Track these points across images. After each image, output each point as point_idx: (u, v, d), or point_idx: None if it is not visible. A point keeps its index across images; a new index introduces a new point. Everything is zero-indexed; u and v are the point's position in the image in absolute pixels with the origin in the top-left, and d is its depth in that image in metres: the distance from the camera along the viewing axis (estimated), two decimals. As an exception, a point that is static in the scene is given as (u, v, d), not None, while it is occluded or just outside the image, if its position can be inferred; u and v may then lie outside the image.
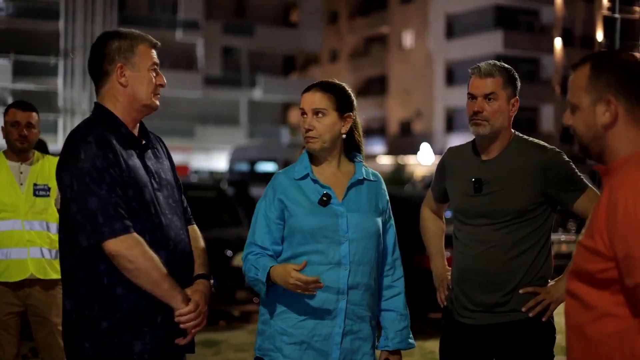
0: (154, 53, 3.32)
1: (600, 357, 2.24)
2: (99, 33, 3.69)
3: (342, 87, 3.59)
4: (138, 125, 3.36)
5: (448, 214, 4.54)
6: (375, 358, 3.61)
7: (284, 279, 3.33)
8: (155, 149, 3.40)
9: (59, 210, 3.26)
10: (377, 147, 55.54)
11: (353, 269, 3.47)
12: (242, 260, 3.57)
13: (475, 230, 3.79)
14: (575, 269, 2.32)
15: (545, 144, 3.80)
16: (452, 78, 53.42)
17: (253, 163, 29.44)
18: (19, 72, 41.86)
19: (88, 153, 3.09)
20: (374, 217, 3.59)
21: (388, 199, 3.69)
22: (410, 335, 3.66)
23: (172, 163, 3.49)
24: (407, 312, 3.67)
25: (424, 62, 55.13)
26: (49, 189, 5.36)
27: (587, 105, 2.37)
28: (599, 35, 50.16)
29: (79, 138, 3.15)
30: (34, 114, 5.38)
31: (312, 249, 3.44)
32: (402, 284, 3.70)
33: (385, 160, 50.82)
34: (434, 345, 8.78)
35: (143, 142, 3.33)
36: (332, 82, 3.59)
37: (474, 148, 3.89)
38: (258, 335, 3.58)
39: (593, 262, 2.24)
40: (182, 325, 3.19)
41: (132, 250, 3.06)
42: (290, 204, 3.48)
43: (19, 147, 5.33)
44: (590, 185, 3.77)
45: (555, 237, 9.52)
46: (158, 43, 3.35)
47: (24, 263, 5.26)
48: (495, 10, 50.83)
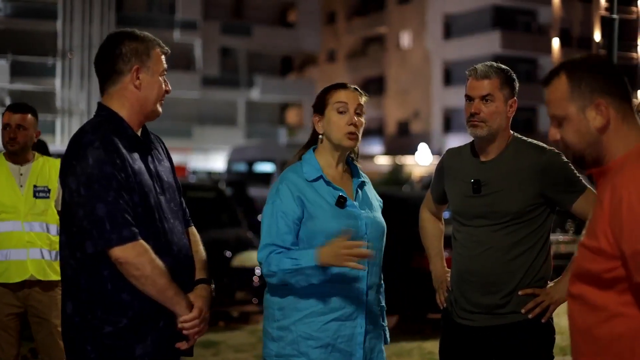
0: (164, 59, 3.31)
1: (612, 358, 2.22)
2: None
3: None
4: (141, 128, 3.35)
5: (446, 215, 4.55)
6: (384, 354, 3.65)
7: (334, 254, 3.27)
8: (157, 151, 3.37)
9: (60, 212, 3.25)
10: (374, 147, 55.51)
11: (370, 269, 3.50)
12: (260, 262, 3.46)
13: (474, 232, 3.78)
14: (578, 271, 2.30)
15: (544, 145, 3.80)
16: (449, 78, 53.41)
17: (251, 163, 29.43)
18: (17, 72, 41.80)
19: (95, 158, 3.05)
20: (381, 215, 3.65)
21: None
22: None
23: (172, 164, 3.46)
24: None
25: (422, 62, 55.12)
26: (49, 191, 5.36)
27: (575, 114, 2.35)
28: (597, 36, 50.27)
29: (87, 142, 3.09)
30: (28, 116, 5.34)
31: None
32: (382, 280, 3.72)
33: (383, 161, 50.77)
34: (433, 346, 8.80)
35: (146, 144, 3.31)
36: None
37: (473, 149, 3.89)
38: (272, 342, 3.50)
39: (597, 262, 2.22)
40: (185, 332, 3.18)
41: (139, 258, 3.04)
42: (310, 205, 3.45)
43: (10, 149, 5.32)
44: (589, 186, 3.78)
45: (554, 237, 9.52)
46: (168, 50, 3.34)
47: (24, 264, 5.26)
48: (493, 11, 50.83)
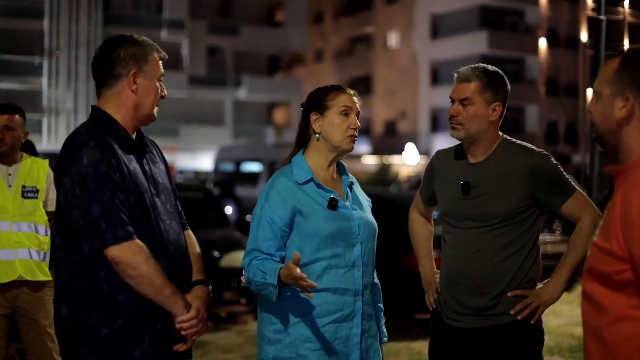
0: (161, 64, 3.32)
1: None
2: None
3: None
4: (136, 132, 3.35)
5: (435, 215, 4.55)
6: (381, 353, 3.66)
7: (287, 276, 3.25)
8: (152, 154, 3.39)
9: (56, 215, 3.24)
10: (362, 147, 55.52)
11: (364, 270, 3.52)
12: (244, 267, 3.48)
13: (464, 233, 3.79)
14: (591, 269, 2.30)
15: (533, 147, 3.80)
16: (437, 78, 53.49)
17: (238, 163, 29.40)
18: (3, 71, 41.65)
19: (90, 158, 3.06)
20: (372, 216, 3.67)
21: None
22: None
23: (167, 167, 3.47)
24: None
25: (409, 62, 55.18)
26: (37, 191, 5.35)
27: (607, 96, 2.37)
28: (584, 36, 50.47)
29: (81, 143, 3.10)
30: (15, 116, 5.32)
31: (330, 254, 3.46)
32: (377, 279, 3.74)
33: (370, 160, 50.80)
34: (421, 346, 8.82)
35: (141, 147, 3.32)
36: None
37: (462, 151, 3.90)
38: (269, 345, 3.49)
39: (608, 263, 2.22)
40: (183, 332, 3.18)
41: (135, 257, 3.04)
42: (303, 208, 3.46)
43: None
44: (578, 188, 3.79)
45: (541, 238, 9.52)
46: (165, 55, 3.35)
47: (12, 264, 5.24)
48: (480, 11, 50.92)
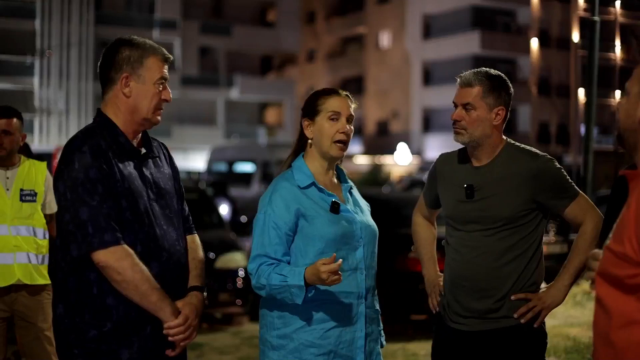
0: (165, 67, 3.30)
1: None
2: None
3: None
4: (140, 135, 3.36)
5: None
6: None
7: (318, 278, 3.26)
8: (158, 158, 3.39)
9: (55, 217, 3.27)
10: (354, 147, 55.53)
11: (367, 273, 3.52)
12: (251, 273, 3.46)
13: (467, 237, 3.80)
14: (603, 272, 2.29)
15: (537, 151, 3.81)
16: (429, 78, 53.57)
17: (231, 163, 29.37)
18: (-5, 71, 41.58)
19: (82, 163, 3.10)
20: (372, 219, 3.67)
21: None
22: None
23: (175, 170, 3.47)
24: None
25: (401, 62, 55.22)
26: (36, 194, 5.32)
27: (634, 95, 2.35)
28: (575, 36, 50.53)
29: (75, 148, 3.15)
30: (13, 120, 5.28)
31: None
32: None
33: (362, 160, 50.86)
34: (417, 347, 8.83)
35: (142, 151, 3.32)
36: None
37: (466, 155, 3.91)
38: (271, 351, 3.49)
39: (621, 267, 2.20)
40: (170, 338, 3.20)
41: (120, 262, 3.07)
42: (307, 212, 3.45)
43: None
44: (581, 192, 3.80)
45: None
46: (171, 57, 3.33)
47: (11, 268, 5.20)
48: (472, 11, 51.00)
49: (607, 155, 33.26)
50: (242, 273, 10.02)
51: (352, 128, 3.60)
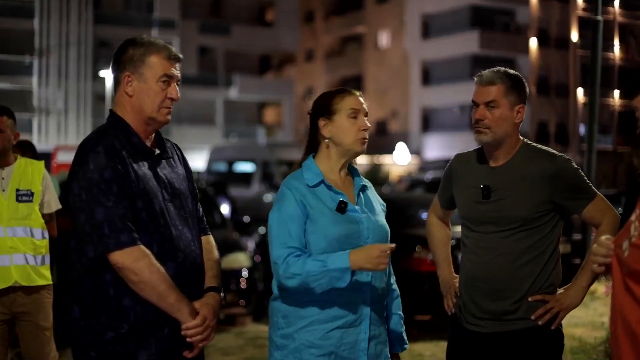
0: (171, 64, 3.25)
1: None
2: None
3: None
4: (154, 135, 3.33)
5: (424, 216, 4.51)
6: None
7: (368, 257, 3.28)
8: (171, 158, 3.36)
9: (70, 217, 3.22)
10: (353, 146, 55.50)
11: (373, 274, 3.47)
12: (276, 263, 3.38)
13: (483, 238, 3.77)
14: (630, 270, 2.35)
15: (554, 152, 3.79)
16: (428, 78, 53.59)
17: (231, 163, 29.33)
18: (-7, 71, 41.56)
19: (97, 163, 3.08)
20: (384, 219, 3.63)
21: None
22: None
23: (188, 171, 3.44)
24: (402, 314, 3.72)
25: (400, 62, 55.23)
26: (32, 194, 5.26)
27: None
28: (574, 36, 50.51)
29: (89, 148, 3.13)
30: (4, 118, 5.20)
31: None
32: (396, 287, 3.73)
33: (361, 160, 50.78)
34: (422, 348, 8.79)
35: (156, 152, 3.29)
36: None
37: (482, 155, 3.87)
38: (276, 350, 3.48)
39: None
40: (188, 339, 3.17)
41: (137, 263, 3.05)
42: (312, 211, 3.42)
43: None
44: (599, 193, 3.77)
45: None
46: (178, 55, 3.29)
47: (8, 270, 5.14)
48: (471, 11, 51.03)
49: (605, 155, 33.28)
50: (245, 273, 9.96)
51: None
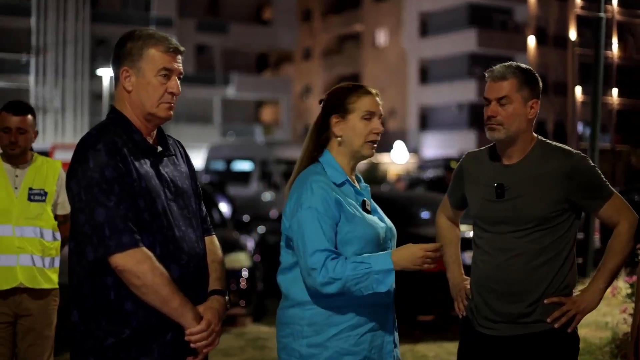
0: (171, 57, 3.11)
1: None
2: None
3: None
4: (155, 132, 3.20)
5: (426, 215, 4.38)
6: None
7: (412, 257, 3.20)
8: (174, 156, 3.23)
9: (70, 219, 3.10)
10: (350, 145, 55.49)
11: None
12: (313, 269, 3.22)
13: (498, 238, 3.65)
14: None
15: (570, 149, 3.67)
16: (425, 76, 53.56)
17: (229, 162, 29.22)
18: (-10, 69, 41.48)
19: (97, 162, 2.94)
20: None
21: None
22: None
23: (191, 169, 3.31)
24: None
25: (398, 60, 55.18)
26: (45, 194, 5.12)
27: None
28: (572, 34, 50.49)
29: (89, 145, 2.99)
30: (27, 117, 5.09)
31: None
32: None
33: (359, 159, 50.77)
34: (425, 349, 8.70)
35: (158, 149, 3.16)
36: None
37: (494, 153, 3.75)
38: None
39: None
40: (192, 345, 3.05)
41: (139, 266, 2.92)
42: (348, 210, 3.29)
43: (10, 153, 5.09)
44: (616, 192, 3.66)
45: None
46: (179, 47, 3.14)
47: (13, 271, 4.99)
48: (469, 9, 51.00)
49: (604, 153, 33.25)
50: (245, 273, 9.84)
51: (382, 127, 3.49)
